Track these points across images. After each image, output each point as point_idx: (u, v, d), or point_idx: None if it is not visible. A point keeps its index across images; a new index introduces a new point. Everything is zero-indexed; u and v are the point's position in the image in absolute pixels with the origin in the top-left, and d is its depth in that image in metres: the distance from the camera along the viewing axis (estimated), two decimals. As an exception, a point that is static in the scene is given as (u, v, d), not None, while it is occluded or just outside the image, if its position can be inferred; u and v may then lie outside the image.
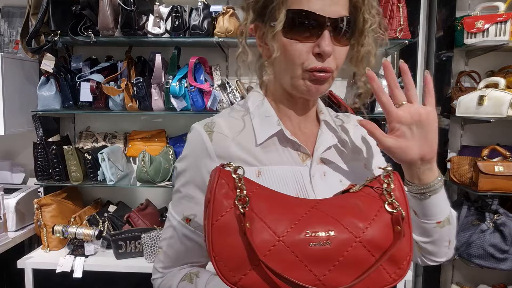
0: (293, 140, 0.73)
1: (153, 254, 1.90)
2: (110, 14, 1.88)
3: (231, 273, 0.54)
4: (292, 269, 0.53)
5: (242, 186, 0.57)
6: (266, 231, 0.54)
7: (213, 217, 0.56)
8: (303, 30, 0.66)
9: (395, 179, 0.61)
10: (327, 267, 0.54)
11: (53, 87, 2.03)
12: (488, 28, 1.86)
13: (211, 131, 0.73)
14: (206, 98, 2.00)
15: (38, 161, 2.05)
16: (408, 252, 0.58)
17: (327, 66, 0.67)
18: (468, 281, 2.27)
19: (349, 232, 0.55)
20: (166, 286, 0.76)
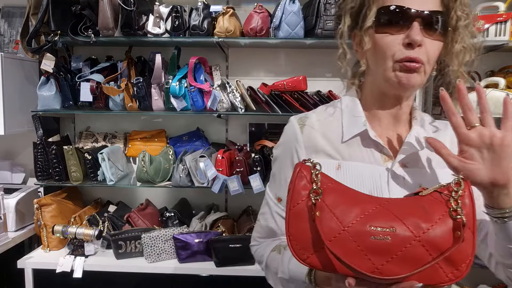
0: (376, 141, 0.78)
1: (153, 254, 1.90)
2: (110, 14, 1.88)
3: (301, 251, 0.65)
4: (352, 256, 0.61)
5: (318, 180, 0.66)
6: (334, 221, 0.63)
7: (291, 204, 0.67)
8: (393, 24, 0.71)
9: (465, 187, 0.63)
10: (385, 258, 0.60)
11: (53, 87, 2.03)
12: (488, 28, 1.86)
13: (303, 124, 0.83)
14: (206, 98, 2.01)
15: (38, 161, 2.05)
16: (468, 256, 0.61)
17: (417, 56, 0.70)
18: (468, 281, 2.27)
19: (410, 231, 0.61)
20: (260, 253, 0.88)
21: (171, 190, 2.34)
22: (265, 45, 2.15)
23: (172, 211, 2.07)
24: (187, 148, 2.16)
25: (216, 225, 2.05)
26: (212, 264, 1.89)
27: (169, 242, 1.93)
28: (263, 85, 2.05)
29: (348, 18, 0.78)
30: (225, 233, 1.95)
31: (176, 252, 1.92)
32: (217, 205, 2.34)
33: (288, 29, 1.90)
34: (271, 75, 2.26)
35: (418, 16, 0.69)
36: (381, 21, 0.72)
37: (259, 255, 0.89)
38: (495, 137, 0.65)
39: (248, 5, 2.21)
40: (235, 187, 1.95)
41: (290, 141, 0.83)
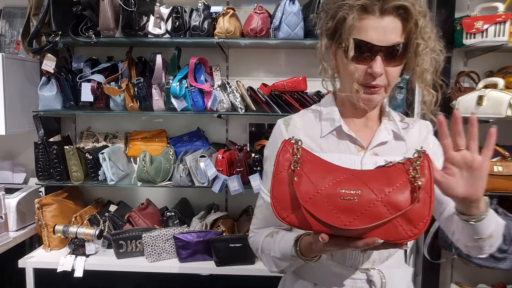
0: (349, 135, 0.93)
1: (153, 254, 1.91)
2: (111, 14, 1.88)
3: (282, 211, 0.77)
4: (325, 214, 0.72)
5: (298, 153, 0.79)
6: (310, 185, 0.75)
7: (275, 172, 0.79)
8: (360, 55, 0.84)
9: (424, 158, 0.74)
10: (352, 216, 0.71)
11: (54, 87, 2.04)
12: (487, 28, 1.86)
13: (287, 124, 0.97)
14: (207, 98, 2.01)
15: (39, 161, 2.05)
16: (425, 216, 0.70)
17: (377, 83, 0.85)
18: (467, 281, 2.27)
19: (374, 193, 0.71)
20: (255, 241, 0.99)
21: (172, 190, 2.35)
22: (265, 46, 2.16)
23: (172, 211, 2.08)
24: (187, 148, 2.17)
25: (216, 224, 2.06)
26: (212, 264, 1.90)
27: (170, 242, 1.93)
28: (263, 85, 2.06)
29: (324, 38, 0.92)
30: (225, 233, 1.96)
31: (176, 251, 1.92)
32: (217, 204, 2.34)
33: (288, 30, 1.91)
34: (271, 76, 2.27)
35: (381, 50, 0.82)
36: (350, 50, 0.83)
37: (255, 243, 1.00)
38: (476, 161, 0.75)
39: (248, 6, 2.22)
40: (235, 187, 1.95)
41: (278, 142, 0.91)
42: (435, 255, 2.14)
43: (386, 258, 0.92)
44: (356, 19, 0.82)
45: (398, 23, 0.82)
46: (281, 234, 0.93)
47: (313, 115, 0.99)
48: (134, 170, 2.27)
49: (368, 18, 0.82)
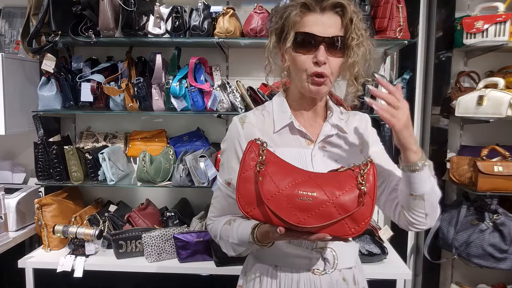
0: (300, 130, 1.03)
1: (153, 254, 1.90)
2: (110, 14, 1.88)
3: (246, 206, 0.87)
4: (284, 212, 0.83)
5: (263, 154, 0.89)
6: (272, 185, 0.85)
7: (241, 171, 0.89)
8: (305, 46, 0.95)
9: (370, 167, 0.86)
10: (307, 214, 0.82)
11: (53, 87, 2.04)
12: (487, 28, 1.86)
13: (243, 122, 1.06)
14: (206, 98, 2.01)
15: (38, 161, 2.05)
16: (367, 216, 0.83)
17: (323, 71, 0.95)
18: (467, 281, 2.27)
19: (326, 195, 0.83)
20: (214, 228, 1.09)
21: (172, 190, 2.35)
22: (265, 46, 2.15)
23: (172, 211, 2.08)
24: (187, 148, 2.17)
25: (216, 225, 2.06)
26: (212, 264, 1.90)
27: (170, 242, 1.93)
28: (263, 85, 2.06)
29: (273, 36, 1.03)
30: (225, 233, 1.96)
31: (176, 251, 1.92)
32: (217, 205, 2.34)
33: (288, 30, 1.91)
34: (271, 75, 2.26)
35: (323, 40, 0.94)
36: (296, 42, 0.96)
37: (214, 230, 1.10)
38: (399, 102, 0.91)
39: (248, 6, 2.22)
40: (235, 187, 1.95)
41: (234, 137, 1.05)
42: (435, 255, 2.14)
43: None
44: (298, 15, 0.95)
45: (336, 18, 0.96)
46: (238, 222, 1.03)
47: (267, 112, 1.08)
48: (134, 170, 2.27)
49: (310, 15, 0.95)
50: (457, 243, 1.99)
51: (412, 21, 2.02)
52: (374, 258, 1.86)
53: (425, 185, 0.93)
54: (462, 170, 1.98)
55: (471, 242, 1.94)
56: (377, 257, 1.87)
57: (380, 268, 1.86)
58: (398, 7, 1.88)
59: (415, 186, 0.93)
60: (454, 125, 2.23)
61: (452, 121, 2.17)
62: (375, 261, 1.88)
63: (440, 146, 2.14)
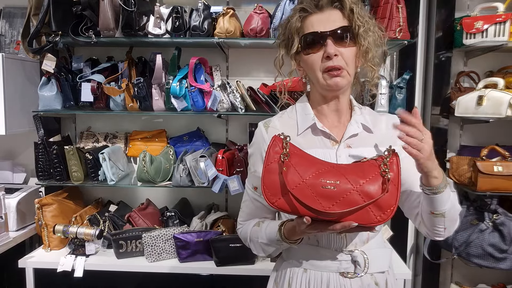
0: (323, 130, 1.03)
1: (153, 254, 1.91)
2: (111, 14, 1.88)
3: (272, 197, 0.88)
4: (308, 200, 0.84)
5: (287, 147, 0.91)
6: (296, 175, 0.87)
7: (266, 163, 0.91)
8: (313, 45, 0.96)
9: (392, 156, 0.88)
10: (331, 202, 0.83)
11: (54, 87, 2.04)
12: (487, 28, 1.86)
13: (267, 126, 1.08)
14: (207, 98, 2.01)
15: (39, 161, 2.05)
16: (392, 204, 0.84)
17: (336, 64, 0.94)
18: (467, 281, 2.27)
19: (350, 183, 0.84)
20: (244, 232, 1.11)
21: (172, 190, 2.35)
22: (265, 46, 2.16)
23: (172, 211, 2.08)
24: (187, 148, 2.17)
25: (217, 224, 2.06)
26: (212, 264, 1.90)
27: (170, 242, 1.93)
28: (263, 85, 2.06)
29: (282, 49, 1.06)
30: (225, 233, 1.96)
31: (176, 251, 1.92)
32: (218, 204, 2.34)
33: (288, 30, 1.91)
34: (271, 76, 2.25)
35: (329, 35, 0.94)
36: (304, 45, 0.98)
37: (244, 233, 1.11)
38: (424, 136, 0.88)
39: (248, 6, 2.22)
40: (235, 187, 1.95)
41: (259, 142, 1.07)
42: (435, 255, 2.14)
43: (366, 241, 1.02)
44: (298, 20, 0.97)
45: (337, 12, 0.97)
46: (267, 223, 1.05)
47: (290, 116, 1.09)
48: (134, 170, 2.27)
49: (310, 16, 0.97)
50: (457, 243, 1.99)
51: (412, 21, 2.02)
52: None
53: (445, 204, 0.93)
54: (462, 170, 1.99)
55: (471, 242, 1.94)
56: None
57: (380, 268, 1.86)
58: (398, 7, 1.89)
59: (436, 206, 0.93)
60: (454, 125, 2.23)
61: (452, 121, 2.18)
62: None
63: (440, 146, 2.14)
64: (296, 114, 1.08)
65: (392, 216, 0.83)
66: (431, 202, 0.93)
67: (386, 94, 1.99)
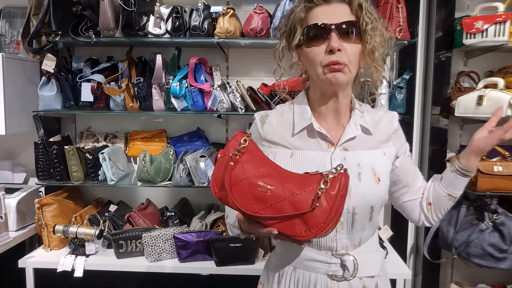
0: (320, 131, 0.99)
1: (153, 254, 1.91)
2: (111, 14, 1.88)
3: (215, 188, 0.89)
4: (242, 199, 0.84)
5: (244, 143, 0.89)
6: (240, 172, 0.86)
7: (222, 155, 0.90)
8: (317, 38, 0.91)
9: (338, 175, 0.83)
10: (263, 206, 0.83)
11: (54, 87, 2.04)
12: (487, 28, 1.86)
13: (263, 122, 1.05)
14: (207, 98, 2.01)
15: (39, 161, 2.05)
16: (320, 223, 0.81)
17: (338, 59, 0.89)
18: (467, 281, 2.27)
19: (284, 191, 0.83)
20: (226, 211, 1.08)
21: (172, 190, 2.35)
22: (265, 46, 2.16)
23: (172, 211, 2.08)
24: (187, 148, 2.17)
25: (217, 224, 2.06)
26: (212, 264, 1.90)
27: (170, 242, 1.93)
28: (263, 85, 2.06)
29: (283, 40, 1.00)
30: (225, 233, 1.96)
31: (176, 251, 1.92)
32: (217, 204, 2.34)
33: (288, 30, 1.91)
34: (271, 76, 2.25)
35: (333, 28, 0.89)
36: (307, 37, 0.92)
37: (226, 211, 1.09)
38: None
39: (248, 6, 2.22)
40: (235, 187, 1.95)
41: (256, 137, 1.04)
42: (435, 255, 2.14)
43: (358, 244, 1.01)
44: (303, 10, 0.93)
45: (344, 6, 0.92)
46: None
47: (287, 113, 1.05)
48: (134, 170, 2.27)
49: (316, 8, 0.93)
50: (457, 243, 1.99)
51: (412, 21, 2.02)
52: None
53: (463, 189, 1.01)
54: (462, 170, 1.98)
55: (471, 242, 1.94)
56: (377, 257, 1.87)
57: (380, 268, 1.86)
58: (398, 7, 1.89)
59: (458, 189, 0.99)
60: (454, 125, 2.23)
61: (452, 121, 2.18)
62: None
63: (440, 146, 2.14)
64: (293, 113, 1.04)
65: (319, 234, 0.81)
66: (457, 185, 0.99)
67: (386, 94, 1.99)
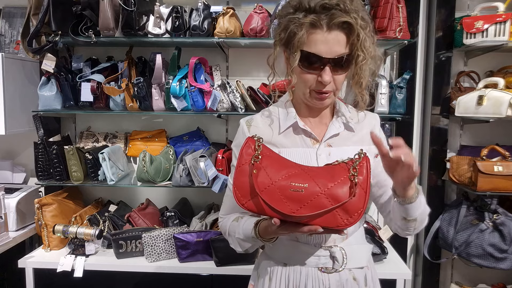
0: (305, 129, 1.04)
1: (153, 254, 1.90)
2: (110, 14, 1.88)
3: (242, 198, 0.90)
4: (277, 203, 0.86)
5: (259, 149, 0.93)
6: (266, 177, 0.89)
7: (238, 164, 0.92)
8: (311, 65, 0.95)
9: (362, 159, 0.88)
10: (299, 205, 0.85)
11: (54, 87, 2.04)
12: (487, 28, 1.86)
13: (249, 125, 1.09)
14: (206, 98, 2.01)
15: (39, 161, 2.05)
16: (360, 208, 0.85)
17: (327, 90, 0.97)
18: (467, 281, 2.27)
19: (318, 187, 0.85)
20: (224, 225, 1.12)
21: (172, 190, 2.35)
22: (265, 46, 2.15)
23: (172, 211, 2.08)
24: (187, 148, 2.17)
25: (216, 224, 2.06)
26: (212, 264, 1.90)
27: (170, 242, 1.93)
28: (263, 85, 2.06)
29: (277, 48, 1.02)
30: (225, 233, 1.96)
31: (176, 251, 1.92)
32: (217, 204, 2.34)
33: (288, 30, 1.91)
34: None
35: (329, 61, 0.93)
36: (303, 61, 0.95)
37: (223, 227, 1.13)
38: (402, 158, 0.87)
39: (248, 6, 2.22)
40: (235, 187, 1.95)
41: (241, 139, 1.07)
42: (435, 255, 2.14)
43: (346, 237, 1.04)
44: (305, 35, 0.93)
45: (343, 36, 0.93)
46: (245, 219, 1.05)
47: (273, 114, 1.10)
48: (134, 170, 2.27)
49: (317, 33, 0.93)
50: (457, 243, 1.99)
51: (412, 21, 2.02)
52: (374, 258, 1.83)
53: (418, 210, 0.95)
54: (462, 170, 1.98)
55: (471, 242, 1.94)
56: (377, 257, 1.87)
57: (380, 268, 1.86)
58: (398, 7, 1.89)
59: (409, 213, 0.95)
60: (454, 125, 2.23)
61: (452, 121, 2.18)
62: (375, 261, 1.87)
63: (440, 146, 2.14)
64: (278, 113, 1.09)
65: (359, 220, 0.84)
66: (405, 210, 0.94)
67: (386, 94, 1.99)
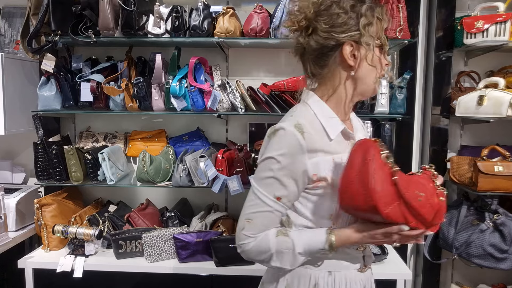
0: (349, 133, 1.03)
1: (153, 254, 1.90)
2: (110, 14, 1.88)
3: (385, 206, 0.86)
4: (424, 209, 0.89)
5: (390, 158, 0.90)
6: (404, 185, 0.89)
7: (376, 171, 0.87)
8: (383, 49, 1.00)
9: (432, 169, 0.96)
10: (432, 213, 0.91)
11: (53, 87, 2.04)
12: (487, 28, 1.86)
13: (302, 131, 0.94)
14: (206, 98, 2.01)
15: (38, 161, 2.05)
16: (444, 211, 0.93)
17: None
18: (467, 281, 2.27)
19: (434, 195, 0.90)
20: (261, 245, 0.97)
21: (171, 190, 2.35)
22: (265, 45, 2.15)
23: (172, 211, 2.08)
24: (187, 148, 2.16)
25: (216, 225, 2.05)
26: (212, 264, 1.90)
27: (169, 242, 1.93)
28: (263, 85, 2.06)
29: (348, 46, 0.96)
30: (225, 233, 1.96)
31: (176, 251, 1.92)
32: (217, 205, 2.34)
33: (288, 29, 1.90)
34: (271, 75, 2.27)
35: None
36: (383, 45, 0.99)
37: (262, 246, 0.97)
38: None
39: (248, 5, 2.22)
40: (235, 187, 1.95)
41: (295, 153, 0.93)
42: (436, 256, 2.14)
43: None
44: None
45: None
46: (296, 232, 0.99)
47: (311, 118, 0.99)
48: (133, 170, 2.27)
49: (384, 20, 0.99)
50: (457, 243, 1.98)
51: (412, 21, 2.01)
52: (374, 258, 1.86)
53: None
54: (462, 170, 1.98)
55: (471, 242, 1.94)
56: (377, 257, 1.87)
57: (381, 268, 1.86)
58: (398, 7, 1.88)
59: None
60: (454, 125, 2.23)
61: (452, 121, 2.17)
62: (375, 261, 1.87)
63: (441, 146, 2.14)
64: (316, 116, 0.99)
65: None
66: None
67: (387, 94, 1.99)
